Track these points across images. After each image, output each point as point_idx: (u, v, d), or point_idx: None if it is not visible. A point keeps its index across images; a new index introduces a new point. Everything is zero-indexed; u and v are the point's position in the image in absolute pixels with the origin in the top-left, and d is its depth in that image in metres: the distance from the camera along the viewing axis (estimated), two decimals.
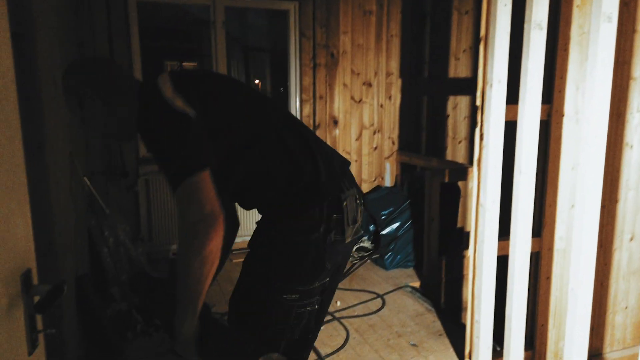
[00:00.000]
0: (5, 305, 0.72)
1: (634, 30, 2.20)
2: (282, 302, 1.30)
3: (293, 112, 4.20)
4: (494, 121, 2.01)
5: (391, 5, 4.33)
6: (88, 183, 2.84)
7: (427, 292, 3.25)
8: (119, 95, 1.31)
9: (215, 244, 1.13)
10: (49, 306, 0.76)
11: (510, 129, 2.06)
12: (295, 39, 4.10)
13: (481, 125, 2.06)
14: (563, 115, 2.08)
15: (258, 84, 9.44)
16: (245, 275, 1.40)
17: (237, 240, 1.58)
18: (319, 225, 1.27)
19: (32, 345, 0.80)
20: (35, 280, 0.83)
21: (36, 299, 0.81)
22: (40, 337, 0.84)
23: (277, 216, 1.32)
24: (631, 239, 2.27)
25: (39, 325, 0.84)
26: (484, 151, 2.05)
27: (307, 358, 1.55)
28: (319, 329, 1.53)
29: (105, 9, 3.46)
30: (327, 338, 2.60)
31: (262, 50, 7.05)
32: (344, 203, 1.32)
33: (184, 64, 9.58)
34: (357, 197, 1.38)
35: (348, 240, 1.36)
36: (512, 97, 2.05)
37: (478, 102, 2.07)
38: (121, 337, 2.52)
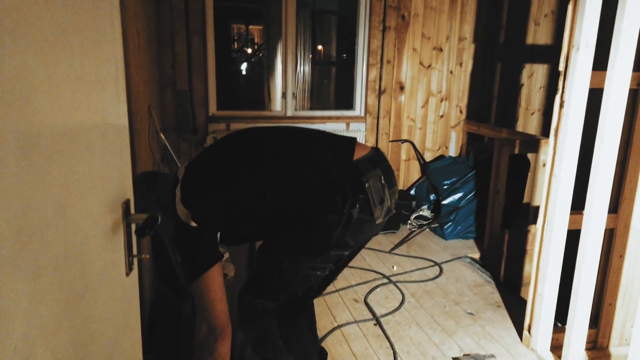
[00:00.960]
0: (110, 228, 0.80)
1: None
2: (293, 261, 1.39)
3: (359, 76, 4.16)
4: (577, 88, 1.90)
5: None
6: (163, 137, 2.99)
7: (486, 264, 3.20)
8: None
9: (223, 351, 1.39)
10: (147, 232, 0.83)
11: (593, 96, 1.94)
12: (365, 0, 4.01)
13: (562, 92, 1.96)
14: None
15: (321, 50, 9.38)
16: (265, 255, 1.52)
17: None
18: (342, 206, 1.35)
19: (129, 268, 0.89)
20: (132, 210, 0.91)
21: (134, 228, 0.89)
22: (135, 261, 0.92)
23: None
24: None
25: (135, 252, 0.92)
26: (562, 119, 1.95)
27: (303, 312, 1.67)
28: (322, 291, 1.63)
29: None
30: (383, 299, 2.65)
31: (330, 12, 6.96)
32: (366, 185, 1.37)
33: (250, 27, 9.67)
34: (383, 177, 1.40)
35: (379, 221, 1.42)
36: (597, 64, 1.92)
37: (561, 67, 1.96)
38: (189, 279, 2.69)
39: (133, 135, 1.88)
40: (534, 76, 4.26)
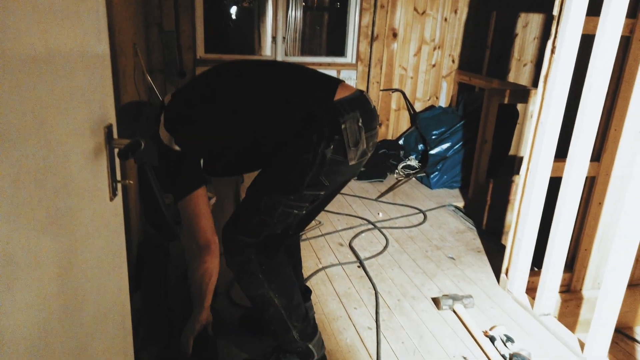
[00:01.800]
0: (93, 150, 0.80)
1: None
2: (270, 198, 1.44)
3: (351, 21, 4.06)
4: (570, 33, 1.88)
5: None
6: (149, 78, 2.93)
7: (470, 213, 3.26)
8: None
9: (210, 266, 1.52)
10: (130, 155, 0.83)
11: (585, 42, 1.92)
12: None
13: (555, 37, 1.94)
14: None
15: None
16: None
17: None
18: (308, 149, 1.38)
19: (113, 193, 0.89)
20: (115, 135, 0.90)
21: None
22: (119, 187, 0.93)
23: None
24: None
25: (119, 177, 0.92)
26: (553, 66, 1.94)
27: (298, 241, 1.78)
28: (301, 230, 1.69)
29: None
30: (367, 244, 2.71)
31: None
32: (343, 126, 1.38)
33: None
34: (361, 120, 1.41)
35: (352, 163, 1.43)
36: (593, 9, 1.89)
37: (555, 11, 1.93)
38: (176, 223, 2.72)
39: (118, 70, 1.84)
40: (529, 26, 4.19)
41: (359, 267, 2.45)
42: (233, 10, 4.11)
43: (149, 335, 1.79)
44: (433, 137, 3.78)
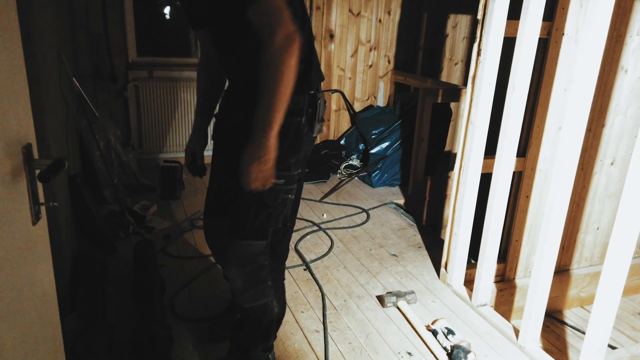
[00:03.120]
0: (9, 174, 0.75)
1: None
2: (271, 187, 1.33)
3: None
4: (493, 36, 1.98)
5: None
6: (77, 84, 2.78)
7: (410, 209, 3.36)
8: None
9: (296, 58, 1.21)
10: (51, 177, 0.78)
11: (509, 44, 2.03)
12: None
13: (480, 40, 2.03)
14: (563, 34, 2.05)
15: None
16: (224, 169, 1.51)
17: None
18: (301, 112, 1.37)
19: (36, 216, 0.84)
20: (35, 155, 0.85)
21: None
22: (43, 210, 0.87)
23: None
24: (612, 164, 2.34)
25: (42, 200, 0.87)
26: (479, 67, 2.04)
27: (288, 244, 1.71)
28: (295, 219, 1.67)
29: None
30: (312, 246, 2.73)
31: None
32: (318, 101, 1.42)
33: None
34: (325, 100, 1.47)
35: (314, 134, 1.47)
36: (514, 13, 2.00)
37: (479, 16, 2.03)
38: (114, 236, 2.62)
39: (40, 79, 1.73)
40: (458, 26, 4.37)
41: (305, 270, 2.46)
42: (166, 10, 3.99)
43: (88, 357, 1.71)
44: (373, 136, 3.86)
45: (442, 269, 2.40)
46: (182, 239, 2.69)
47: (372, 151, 3.79)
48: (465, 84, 4.31)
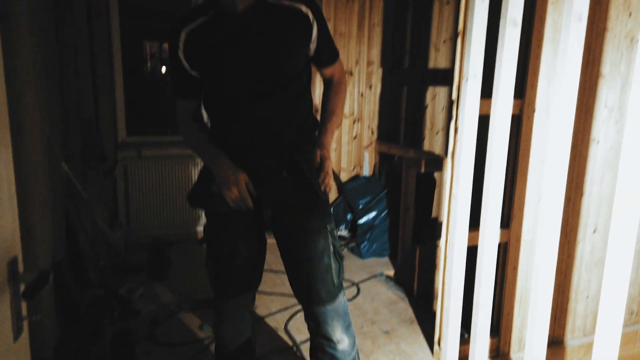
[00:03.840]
0: None
1: (604, 29, 2.27)
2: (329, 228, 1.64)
3: None
4: (469, 115, 2.08)
5: None
6: (66, 168, 2.82)
7: (400, 280, 3.34)
8: None
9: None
10: (36, 293, 0.79)
11: (486, 122, 2.13)
12: None
13: (456, 119, 2.13)
14: (534, 110, 2.16)
15: None
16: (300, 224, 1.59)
17: None
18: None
19: (18, 332, 0.83)
20: (20, 268, 0.85)
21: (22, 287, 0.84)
22: (25, 323, 0.87)
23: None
24: (594, 232, 2.38)
25: (24, 312, 0.86)
26: (458, 144, 2.12)
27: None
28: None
29: None
30: (302, 325, 2.66)
31: None
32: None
33: (165, 45, 9.41)
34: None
35: None
36: (488, 91, 2.11)
37: (454, 96, 2.13)
38: (99, 323, 2.54)
39: (29, 173, 1.76)
40: (437, 98, 4.56)
41: (296, 351, 2.40)
42: (157, 87, 4.13)
43: None
44: (360, 206, 3.90)
45: (436, 346, 2.35)
46: (170, 322, 2.62)
47: (360, 221, 3.81)
48: (446, 152, 4.44)
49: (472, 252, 2.21)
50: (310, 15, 1.52)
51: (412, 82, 4.51)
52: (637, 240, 2.58)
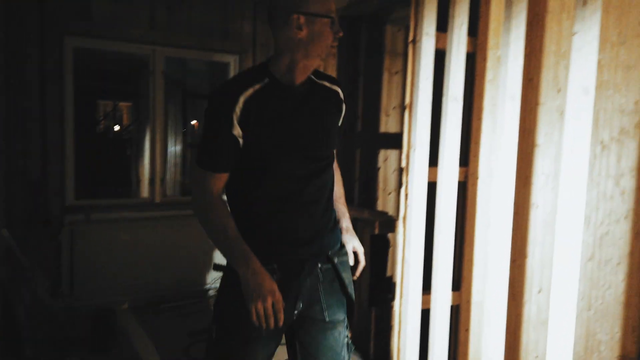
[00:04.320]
0: None
1: (537, 103, 2.49)
2: None
3: None
4: (417, 182, 2.18)
5: (327, 64, 4.57)
6: (6, 234, 2.69)
7: (356, 341, 3.30)
8: None
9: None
10: None
11: (435, 188, 2.23)
12: None
13: (406, 186, 2.22)
14: (477, 177, 2.29)
15: (195, 124, 9.43)
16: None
17: None
18: None
19: None
20: None
21: None
22: None
23: None
24: (539, 292, 2.47)
25: None
26: (408, 209, 2.20)
27: None
28: None
29: (39, 51, 3.40)
30: None
31: (202, 96, 7.09)
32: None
33: (119, 103, 9.37)
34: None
35: None
36: (436, 159, 2.23)
37: (403, 164, 2.24)
38: None
39: None
40: (389, 160, 4.74)
41: None
42: (109, 148, 4.07)
43: None
44: None
45: None
46: None
47: None
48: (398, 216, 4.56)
49: (426, 315, 2.24)
50: (343, 101, 1.56)
51: (365, 145, 4.69)
52: (582, 298, 2.70)
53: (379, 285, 3.77)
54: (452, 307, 2.28)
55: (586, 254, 2.75)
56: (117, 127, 9.44)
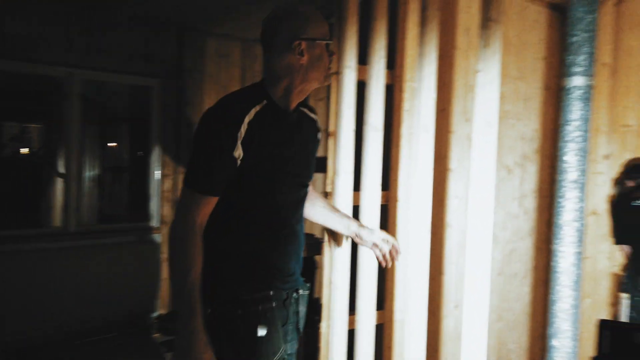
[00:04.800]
0: None
1: (449, 131, 2.70)
2: None
3: (152, 184, 4.11)
4: (342, 206, 2.27)
5: None
6: None
7: None
8: None
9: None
10: None
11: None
12: (157, 115, 4.11)
13: None
14: (397, 201, 2.43)
15: (114, 145, 9.03)
16: None
17: None
18: None
19: None
20: None
21: None
22: None
23: None
24: (456, 307, 2.64)
25: None
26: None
27: None
28: None
29: None
30: None
31: (121, 118, 6.84)
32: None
33: (29, 124, 8.76)
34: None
35: None
36: (359, 183, 2.34)
37: (329, 189, 2.32)
38: None
39: None
40: (317, 183, 4.84)
41: None
42: (16, 173, 3.80)
43: None
44: None
45: None
46: None
47: None
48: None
49: (353, 335, 2.31)
50: (319, 130, 1.60)
51: None
52: (493, 310, 2.92)
53: (307, 308, 3.80)
54: (377, 326, 2.36)
55: (496, 269, 2.99)
56: (25, 150, 8.81)
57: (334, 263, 2.27)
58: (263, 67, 1.45)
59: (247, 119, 1.30)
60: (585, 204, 2.86)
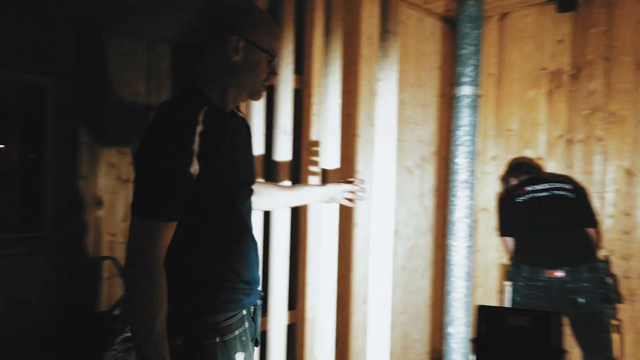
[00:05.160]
0: None
1: (354, 135, 2.83)
2: None
3: (48, 193, 3.83)
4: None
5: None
6: None
7: None
8: None
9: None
10: None
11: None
12: (52, 116, 3.83)
13: None
14: None
15: (2, 148, 8.19)
16: None
17: None
18: None
19: None
20: None
21: None
22: None
23: None
24: (364, 302, 2.78)
25: None
26: None
27: None
28: None
29: None
30: None
31: (12, 118, 6.24)
32: None
33: None
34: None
35: None
36: None
37: None
38: None
39: None
40: None
41: None
42: None
43: None
44: None
45: None
46: None
47: None
48: None
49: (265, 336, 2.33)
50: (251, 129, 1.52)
51: None
52: (397, 304, 3.11)
53: None
54: (289, 326, 2.42)
55: (399, 264, 3.18)
56: None
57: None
58: (198, 68, 1.36)
59: (198, 129, 1.18)
60: (475, 201, 3.16)
